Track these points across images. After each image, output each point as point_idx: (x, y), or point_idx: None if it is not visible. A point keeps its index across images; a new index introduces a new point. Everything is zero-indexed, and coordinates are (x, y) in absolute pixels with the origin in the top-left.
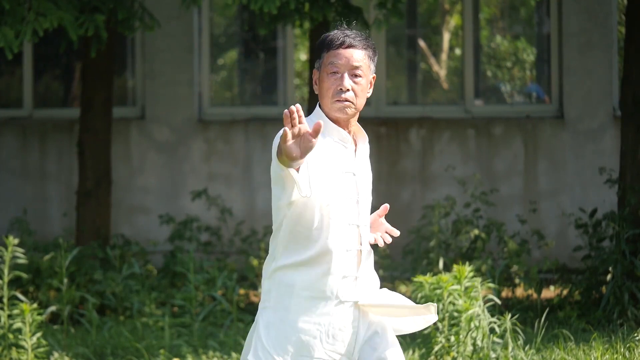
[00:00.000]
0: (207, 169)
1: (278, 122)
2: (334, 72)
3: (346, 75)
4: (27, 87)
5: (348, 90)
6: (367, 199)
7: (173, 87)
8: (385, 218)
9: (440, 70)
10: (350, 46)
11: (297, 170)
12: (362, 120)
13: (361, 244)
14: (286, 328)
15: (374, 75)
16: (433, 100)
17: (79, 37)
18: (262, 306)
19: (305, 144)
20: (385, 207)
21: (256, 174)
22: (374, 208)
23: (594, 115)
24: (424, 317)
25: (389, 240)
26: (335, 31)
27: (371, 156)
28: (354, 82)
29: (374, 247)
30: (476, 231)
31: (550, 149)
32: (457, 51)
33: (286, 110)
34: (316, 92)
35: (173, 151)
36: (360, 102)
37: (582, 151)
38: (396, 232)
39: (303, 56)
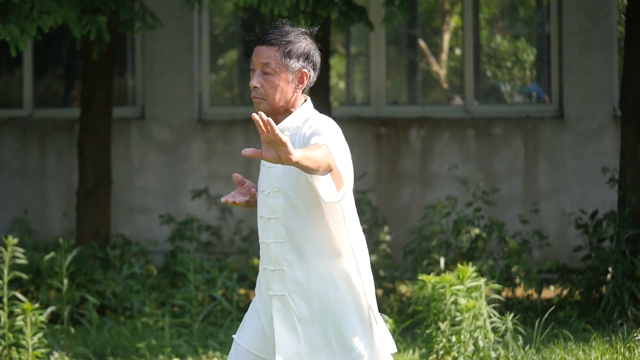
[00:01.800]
0: (207, 169)
1: None
2: (252, 70)
3: (257, 72)
4: (27, 87)
5: (256, 87)
6: (282, 191)
7: (173, 87)
8: (385, 218)
9: (440, 70)
10: (262, 43)
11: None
12: (362, 120)
13: (270, 237)
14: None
15: (304, 70)
16: (433, 100)
17: (81, 37)
18: None
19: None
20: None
21: (256, 174)
22: (377, 207)
23: (594, 115)
24: None
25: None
26: (267, 27)
27: (371, 156)
28: (264, 80)
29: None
30: (477, 231)
31: (550, 149)
32: (457, 51)
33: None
34: None
35: (173, 151)
36: (278, 98)
37: (582, 151)
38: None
39: None
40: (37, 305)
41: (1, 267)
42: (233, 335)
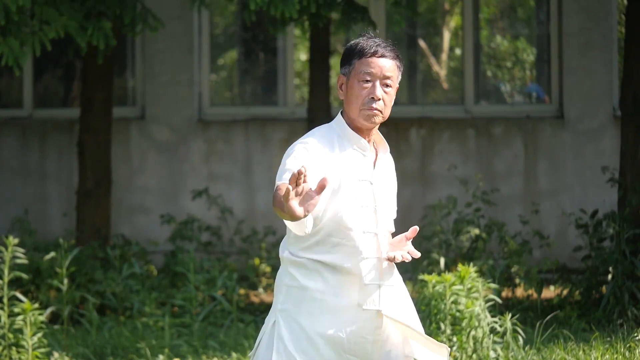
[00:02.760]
0: (207, 169)
1: (278, 122)
2: (366, 81)
3: (378, 84)
4: (27, 87)
5: (380, 99)
6: (387, 208)
7: (173, 87)
8: None
9: (440, 70)
10: (382, 56)
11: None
12: None
13: (380, 252)
14: (310, 334)
15: (398, 85)
16: (433, 100)
17: (86, 42)
18: (282, 308)
19: (309, 200)
20: (415, 229)
21: (256, 173)
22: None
23: (594, 115)
24: (435, 353)
25: (408, 258)
26: (365, 39)
27: None
28: (385, 92)
29: None
30: (477, 231)
31: (550, 149)
32: (457, 51)
33: (295, 171)
34: (341, 98)
35: (173, 151)
36: (387, 112)
37: (582, 151)
38: (417, 254)
39: (303, 56)
40: (37, 305)
41: (1, 267)
42: None
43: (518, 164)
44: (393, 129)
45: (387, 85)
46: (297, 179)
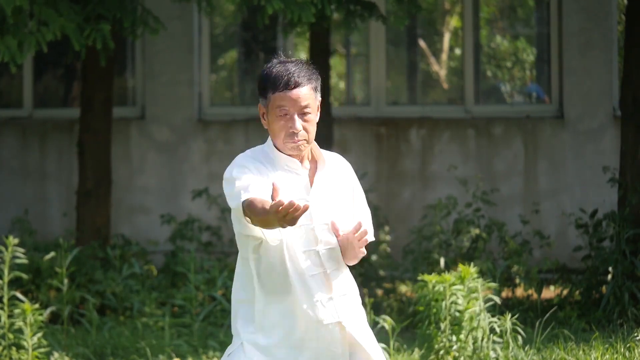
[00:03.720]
0: (207, 169)
1: None
2: (284, 115)
3: (296, 117)
4: (27, 87)
5: (300, 131)
6: (327, 223)
7: (173, 87)
8: (385, 218)
9: (440, 70)
10: (296, 86)
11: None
12: (362, 120)
13: (324, 267)
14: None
15: (319, 99)
16: (433, 100)
17: (83, 45)
18: (243, 332)
19: (293, 215)
20: (358, 224)
21: None
22: (378, 207)
23: (594, 115)
24: None
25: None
26: (277, 66)
27: (371, 156)
28: (305, 121)
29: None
30: (477, 231)
31: (550, 149)
32: (457, 51)
33: (289, 203)
34: (265, 127)
35: (173, 151)
36: (312, 135)
37: (582, 151)
38: (368, 238)
39: (303, 56)
40: (36, 305)
41: (1, 267)
42: None
43: (518, 164)
44: (393, 129)
45: (305, 114)
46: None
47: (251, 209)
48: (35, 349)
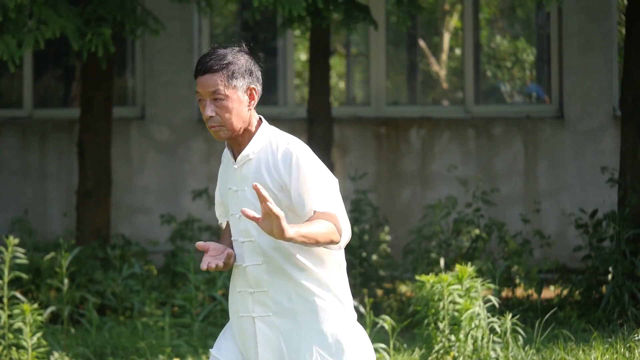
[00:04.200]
0: (207, 169)
1: (278, 122)
2: (200, 100)
3: (208, 102)
4: (27, 87)
5: (212, 116)
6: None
7: (173, 87)
8: (385, 218)
9: (440, 70)
10: (205, 72)
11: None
12: (362, 120)
13: (243, 260)
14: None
15: (252, 86)
16: (433, 100)
17: (83, 48)
18: None
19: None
20: (254, 186)
21: None
22: (378, 207)
23: (594, 115)
24: None
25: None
26: (204, 53)
27: (371, 156)
28: (217, 106)
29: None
30: (477, 231)
31: (550, 149)
32: (457, 51)
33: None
34: None
35: (173, 151)
36: (235, 121)
37: (582, 151)
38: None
39: (303, 56)
40: (36, 305)
41: (1, 267)
42: (211, 350)
43: (518, 164)
44: (393, 129)
45: (216, 99)
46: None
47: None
48: (35, 349)
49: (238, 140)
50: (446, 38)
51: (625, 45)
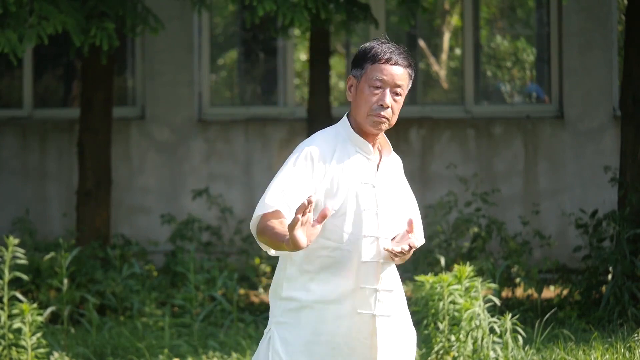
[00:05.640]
0: (207, 169)
1: (278, 122)
2: (377, 87)
3: (388, 91)
4: (27, 87)
5: (388, 107)
6: (390, 212)
7: (173, 87)
8: None
9: (440, 70)
10: (396, 63)
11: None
12: None
13: (380, 256)
14: (307, 344)
15: (409, 87)
16: (433, 100)
17: (85, 42)
18: (276, 321)
19: (310, 231)
20: (410, 220)
21: (256, 173)
22: None
23: (594, 115)
24: None
25: (406, 248)
26: (379, 44)
27: None
28: (394, 100)
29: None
30: (476, 229)
31: (550, 149)
32: (457, 51)
33: (305, 200)
34: (349, 99)
35: (173, 151)
36: (394, 120)
37: (582, 151)
38: (416, 244)
39: (303, 56)
40: (35, 305)
41: (1, 267)
42: None
43: (518, 164)
44: (393, 128)
45: (397, 94)
46: (305, 208)
47: (262, 227)
48: (35, 349)
49: (378, 136)
50: (446, 38)
51: (625, 45)
